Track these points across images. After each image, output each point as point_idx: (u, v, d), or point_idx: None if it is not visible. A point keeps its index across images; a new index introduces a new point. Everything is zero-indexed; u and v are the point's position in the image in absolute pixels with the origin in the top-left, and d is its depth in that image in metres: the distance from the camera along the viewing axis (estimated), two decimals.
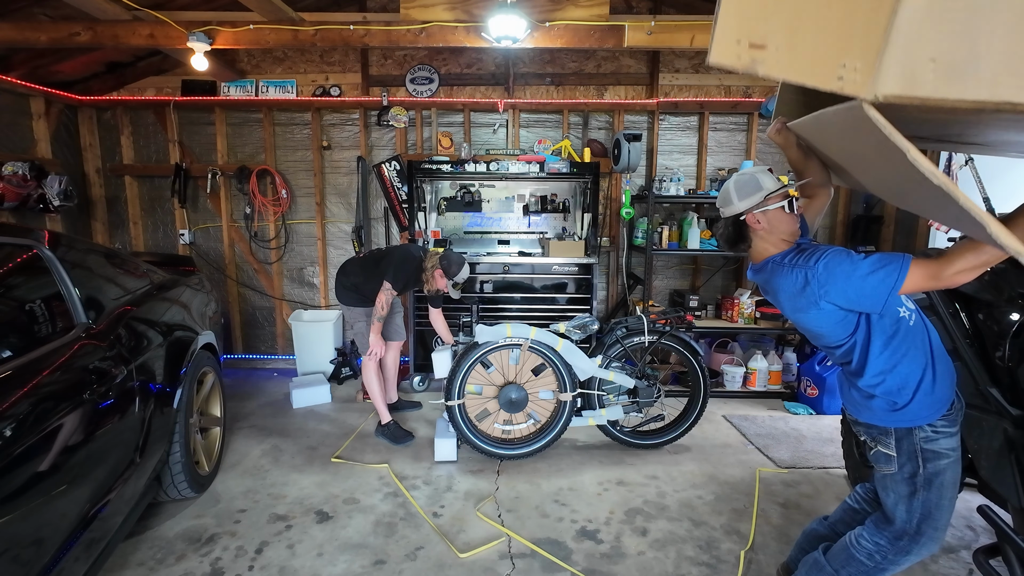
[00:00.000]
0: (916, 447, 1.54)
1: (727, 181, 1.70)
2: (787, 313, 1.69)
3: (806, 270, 1.53)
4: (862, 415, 1.64)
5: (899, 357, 1.53)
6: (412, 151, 4.59)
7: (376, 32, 3.43)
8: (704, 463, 3.10)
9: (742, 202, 1.64)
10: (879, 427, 1.60)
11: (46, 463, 1.52)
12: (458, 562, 2.22)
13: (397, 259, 3.23)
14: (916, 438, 1.54)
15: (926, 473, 1.53)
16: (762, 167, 1.68)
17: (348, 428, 3.53)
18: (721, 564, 2.23)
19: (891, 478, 1.60)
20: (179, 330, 2.61)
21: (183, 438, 2.43)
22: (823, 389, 3.81)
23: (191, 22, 3.45)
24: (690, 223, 4.18)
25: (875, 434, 1.62)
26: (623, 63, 4.57)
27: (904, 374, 1.52)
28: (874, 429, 1.62)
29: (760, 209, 1.62)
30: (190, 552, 2.27)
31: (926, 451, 1.53)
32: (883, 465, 1.61)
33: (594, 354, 3.15)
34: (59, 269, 1.97)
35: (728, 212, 1.69)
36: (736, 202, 1.65)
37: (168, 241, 4.74)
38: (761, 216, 1.63)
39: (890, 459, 1.59)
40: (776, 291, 1.66)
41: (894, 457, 1.57)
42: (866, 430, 1.65)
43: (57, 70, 4.22)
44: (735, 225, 1.69)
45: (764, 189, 1.61)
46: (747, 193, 1.63)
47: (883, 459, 1.61)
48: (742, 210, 1.64)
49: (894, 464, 1.58)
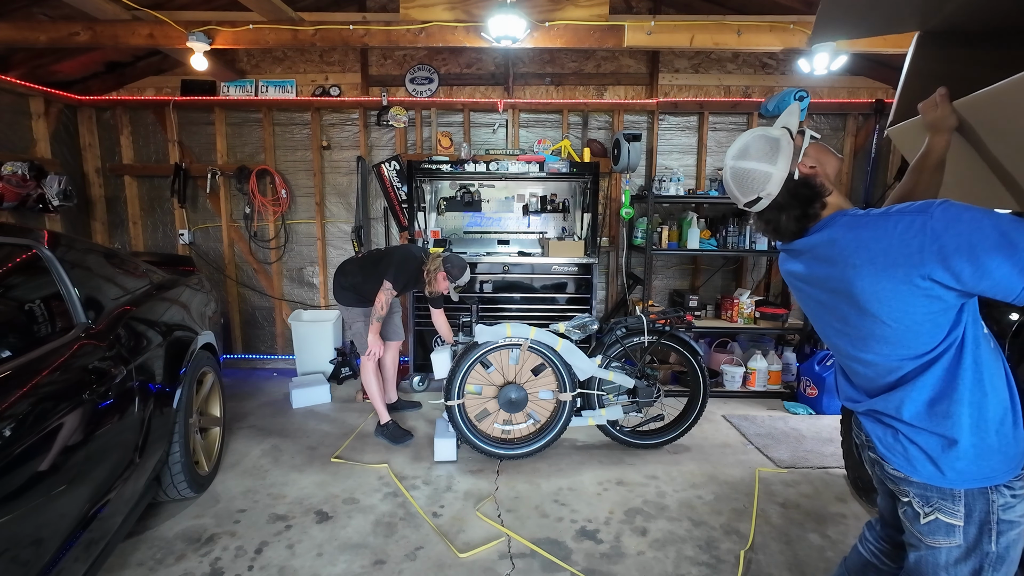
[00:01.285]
0: (991, 516, 1.14)
1: (738, 168, 1.29)
2: (859, 293, 1.16)
3: (920, 216, 1.06)
4: (918, 471, 1.18)
5: (989, 385, 1.13)
6: (412, 151, 4.59)
7: (376, 32, 3.43)
8: (704, 463, 3.10)
9: (781, 160, 1.24)
10: (943, 489, 1.17)
11: (46, 463, 1.52)
12: (458, 562, 2.22)
13: (398, 259, 3.23)
14: (993, 504, 1.14)
15: (999, 549, 1.15)
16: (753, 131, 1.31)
17: (348, 428, 3.53)
18: (721, 564, 2.23)
19: (946, 554, 1.19)
20: (179, 330, 2.61)
21: (183, 438, 2.43)
22: (823, 389, 3.81)
23: (191, 22, 3.45)
24: (690, 223, 4.19)
25: (933, 498, 1.19)
26: (623, 63, 4.58)
27: (996, 411, 1.13)
28: (933, 492, 1.18)
29: (799, 157, 1.26)
30: (190, 552, 2.27)
31: (1003, 522, 1.14)
32: (941, 538, 1.19)
33: (594, 354, 3.15)
34: (58, 269, 1.97)
35: (773, 188, 1.25)
36: (771, 168, 1.24)
37: (168, 241, 4.73)
38: (807, 161, 1.26)
39: (952, 530, 1.17)
40: (854, 251, 1.16)
41: (959, 528, 1.16)
42: (920, 493, 1.20)
43: (56, 70, 4.22)
44: (794, 192, 1.25)
45: (783, 136, 1.26)
46: (771, 151, 1.25)
47: (943, 530, 1.18)
48: (786, 171, 1.24)
49: (958, 535, 1.17)
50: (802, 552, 2.31)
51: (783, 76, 4.53)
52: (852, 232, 1.18)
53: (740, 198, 1.31)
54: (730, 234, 4.20)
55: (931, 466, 1.17)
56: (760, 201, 1.28)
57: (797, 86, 4.14)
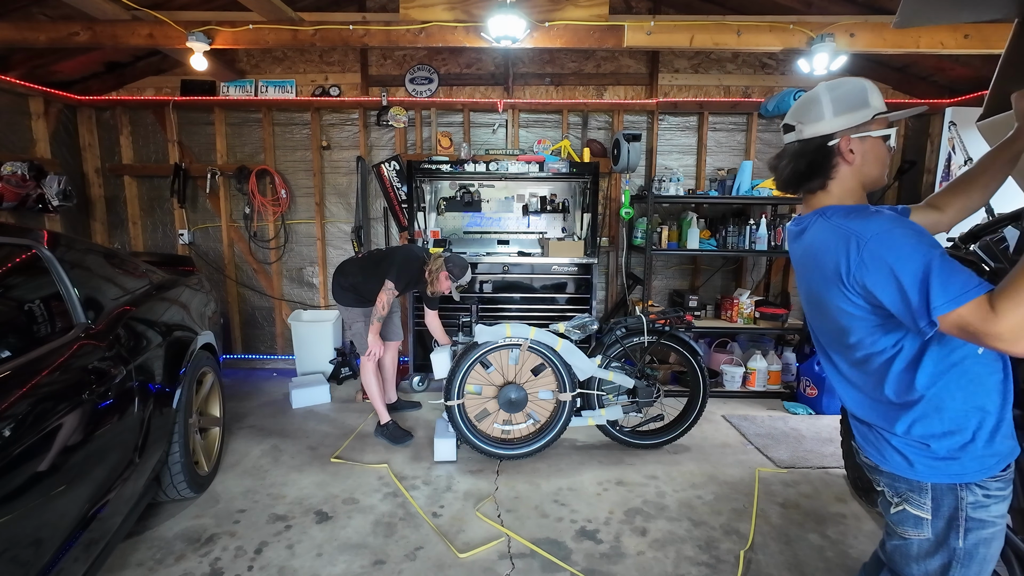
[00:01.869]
0: (960, 512, 1.15)
1: (814, 90, 1.23)
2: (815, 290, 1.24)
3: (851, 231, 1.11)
4: (887, 460, 1.22)
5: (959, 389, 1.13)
6: (411, 151, 4.59)
7: (375, 32, 3.43)
8: (703, 463, 3.10)
9: (839, 118, 1.18)
10: (910, 480, 1.19)
11: (45, 463, 1.52)
12: (457, 562, 2.22)
13: (400, 259, 3.23)
14: (962, 501, 1.15)
15: (967, 546, 1.15)
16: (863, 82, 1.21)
17: (347, 428, 3.53)
18: (720, 564, 2.23)
19: (917, 546, 1.21)
20: (178, 330, 2.61)
21: (182, 438, 2.43)
22: (822, 389, 3.81)
23: (190, 22, 3.45)
24: (689, 223, 4.19)
25: (902, 489, 1.22)
26: (622, 63, 4.58)
27: (968, 416, 1.13)
28: (902, 482, 1.21)
29: (860, 134, 1.18)
30: (189, 552, 2.27)
31: (972, 520, 1.15)
32: (910, 529, 1.21)
33: (593, 354, 3.15)
34: (58, 269, 1.97)
35: (810, 131, 1.21)
36: (829, 117, 1.19)
37: (167, 241, 4.73)
38: (856, 144, 1.19)
39: (921, 522, 1.19)
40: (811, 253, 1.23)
41: (927, 521, 1.18)
42: (889, 483, 1.25)
43: (56, 70, 4.22)
44: (816, 152, 1.21)
45: (872, 107, 1.18)
46: (849, 107, 1.18)
47: (911, 521, 1.21)
48: (835, 130, 1.19)
49: (926, 528, 1.18)
50: (802, 552, 2.31)
51: (783, 76, 4.53)
52: (816, 231, 1.22)
53: (788, 115, 1.28)
54: (730, 234, 4.20)
55: (899, 457, 1.19)
56: (792, 132, 1.25)
57: (797, 86, 4.15)
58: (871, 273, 1.07)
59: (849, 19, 3.37)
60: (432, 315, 3.54)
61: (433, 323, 3.56)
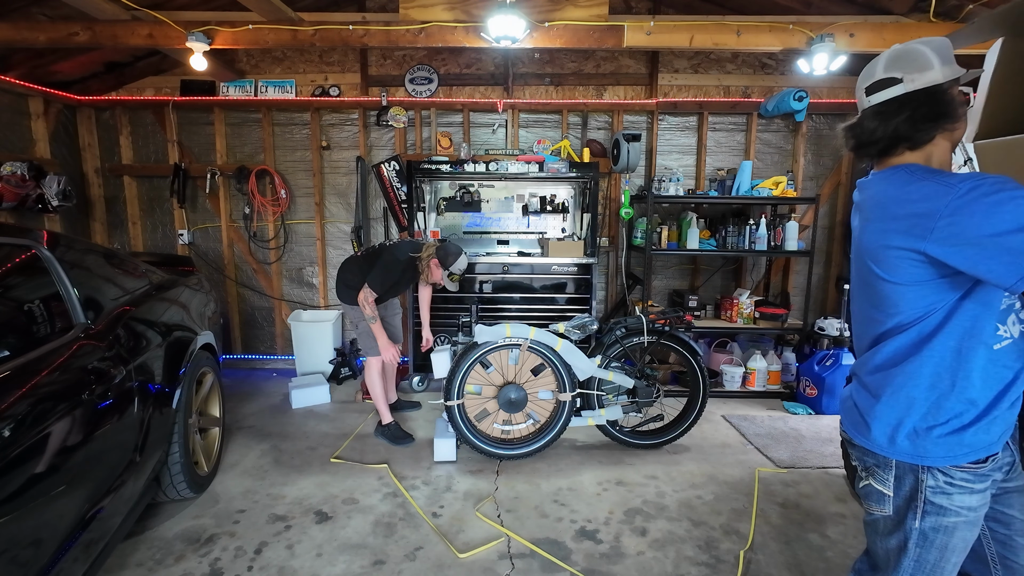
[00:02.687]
0: (919, 494, 1.17)
1: (906, 44, 1.20)
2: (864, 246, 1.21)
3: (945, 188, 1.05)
4: (858, 434, 1.26)
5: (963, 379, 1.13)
6: (411, 151, 4.59)
7: (375, 32, 3.43)
8: (703, 463, 3.10)
9: (947, 67, 1.15)
10: (876, 455, 1.23)
11: (45, 464, 1.52)
12: (457, 562, 2.22)
13: (381, 264, 3.15)
14: (921, 483, 1.17)
15: (923, 528, 1.17)
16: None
17: (347, 428, 3.53)
18: (720, 564, 2.23)
19: (882, 522, 1.25)
20: (178, 330, 2.61)
21: (182, 438, 2.43)
22: (822, 389, 3.81)
23: (190, 22, 3.45)
24: (689, 223, 4.19)
25: (869, 463, 1.26)
26: (622, 63, 4.58)
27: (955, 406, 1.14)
28: (869, 456, 1.25)
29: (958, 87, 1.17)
30: (189, 552, 2.27)
31: (930, 503, 1.16)
32: (873, 504, 1.26)
33: (593, 354, 3.15)
34: (58, 269, 1.97)
35: (922, 80, 1.15)
36: (938, 65, 1.15)
37: (167, 241, 4.73)
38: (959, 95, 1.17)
39: (883, 498, 1.23)
40: (874, 204, 1.20)
41: (889, 497, 1.22)
42: (859, 455, 1.29)
43: (56, 70, 4.22)
44: (936, 99, 1.15)
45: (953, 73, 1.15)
46: (949, 58, 1.16)
47: (875, 496, 1.25)
48: (947, 79, 1.14)
49: (888, 505, 1.22)
50: (802, 552, 2.31)
51: (782, 76, 4.54)
52: (894, 181, 1.16)
53: (877, 73, 1.21)
54: (729, 234, 4.20)
55: (864, 431, 1.24)
56: (896, 86, 1.17)
57: (797, 86, 4.15)
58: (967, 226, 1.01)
59: (849, 19, 3.37)
60: (425, 291, 3.56)
61: (424, 296, 3.61)
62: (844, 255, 4.62)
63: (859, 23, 3.35)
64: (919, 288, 1.11)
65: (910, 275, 1.11)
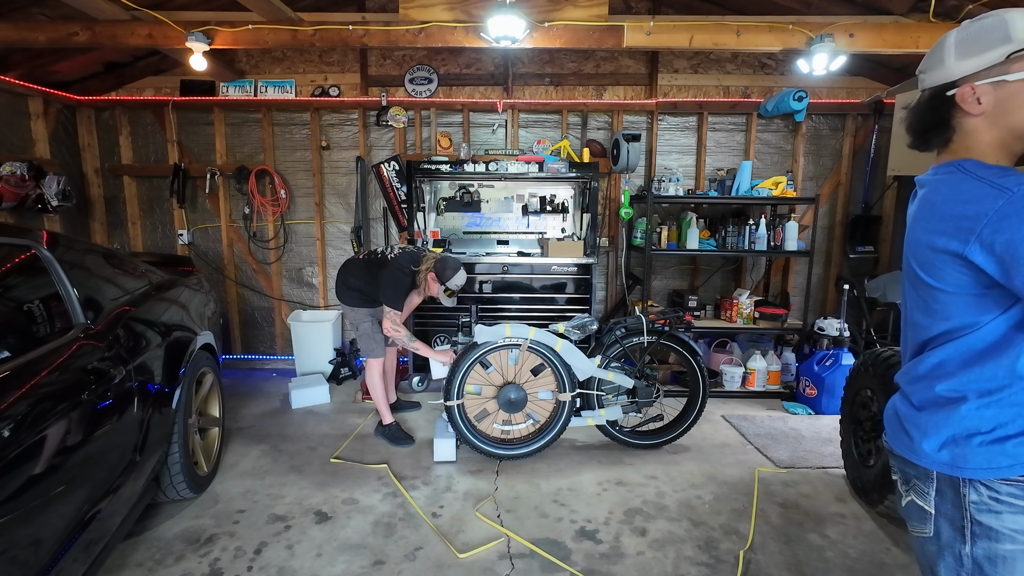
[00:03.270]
0: (964, 512, 1.02)
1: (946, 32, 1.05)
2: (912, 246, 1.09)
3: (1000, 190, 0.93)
4: (899, 444, 1.14)
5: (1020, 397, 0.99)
6: (411, 151, 4.59)
7: (375, 32, 3.43)
8: (703, 463, 3.10)
9: (963, 62, 1.00)
10: (916, 467, 1.09)
11: (44, 464, 1.52)
12: (457, 562, 2.22)
13: (391, 282, 3.12)
14: (964, 499, 1.02)
15: (974, 555, 1.01)
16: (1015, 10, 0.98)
17: (347, 428, 3.53)
18: (720, 564, 2.23)
19: (929, 544, 1.09)
20: (178, 330, 2.61)
21: (182, 439, 2.43)
22: (822, 389, 3.81)
23: (190, 22, 3.45)
24: (689, 223, 4.19)
25: (910, 476, 1.12)
26: (622, 63, 4.58)
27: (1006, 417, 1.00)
28: (910, 468, 1.11)
29: (990, 80, 0.98)
30: (189, 553, 2.27)
31: (977, 523, 1.01)
32: (916, 524, 1.11)
33: (593, 354, 3.15)
34: (57, 269, 1.97)
35: (932, 79, 1.06)
36: (951, 61, 1.02)
37: (167, 241, 4.73)
38: (987, 91, 0.99)
39: (925, 517, 1.08)
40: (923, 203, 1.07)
41: (931, 516, 1.07)
42: (900, 466, 1.16)
43: (55, 70, 4.22)
44: (933, 101, 1.06)
45: (1013, 42, 0.96)
46: (976, 49, 0.99)
47: (916, 515, 1.10)
48: (956, 76, 1.02)
49: (930, 525, 1.07)
50: (801, 552, 2.31)
51: (782, 76, 4.54)
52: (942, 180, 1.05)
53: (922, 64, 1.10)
54: (729, 234, 4.20)
55: (907, 438, 1.11)
56: (922, 75, 1.09)
57: (796, 86, 4.15)
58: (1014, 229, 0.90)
59: (848, 19, 3.37)
60: (415, 298, 3.47)
61: (411, 305, 3.51)
62: (844, 255, 4.62)
63: (859, 23, 3.35)
64: (965, 298, 1.01)
65: (955, 282, 1.00)
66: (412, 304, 3.57)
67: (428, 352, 3.16)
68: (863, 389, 2.81)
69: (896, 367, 2.52)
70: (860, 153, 4.51)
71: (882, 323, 4.47)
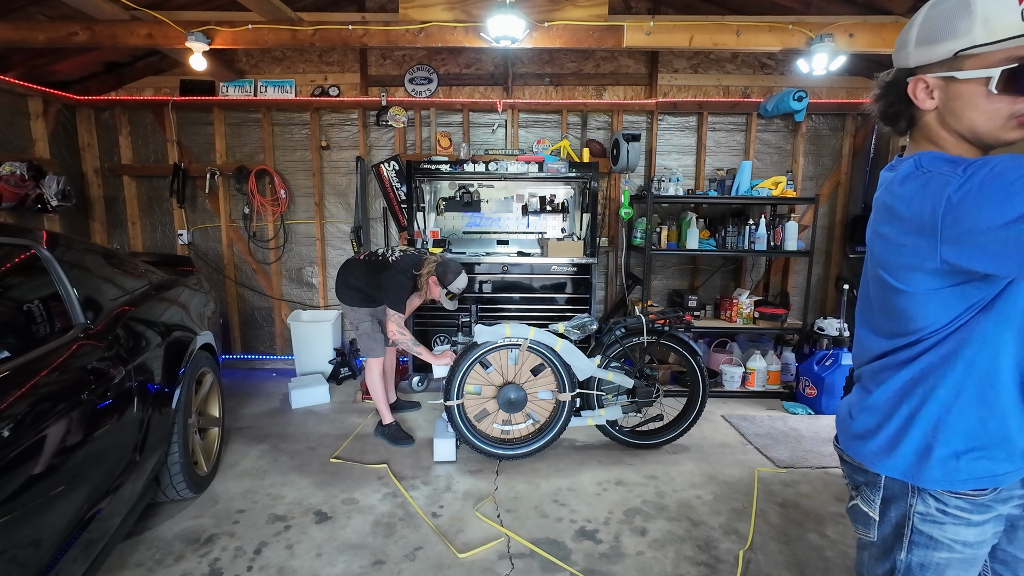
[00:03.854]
0: (907, 520, 1.03)
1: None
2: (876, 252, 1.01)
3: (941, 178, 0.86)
4: (850, 448, 1.12)
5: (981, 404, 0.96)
6: (411, 151, 4.59)
7: (375, 32, 3.43)
8: (703, 463, 3.10)
9: (919, 49, 0.92)
10: (866, 471, 1.08)
11: (44, 464, 1.52)
12: (457, 562, 2.22)
13: (393, 286, 3.11)
14: (910, 508, 1.02)
15: (910, 562, 1.03)
16: None
17: (347, 428, 3.53)
18: (720, 564, 2.23)
19: (868, 550, 1.11)
20: (177, 330, 2.61)
21: (181, 439, 2.43)
22: (821, 389, 3.81)
23: (189, 22, 3.45)
24: (689, 223, 4.19)
25: (858, 481, 1.11)
26: (622, 63, 4.58)
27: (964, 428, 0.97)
28: (859, 473, 1.10)
29: (939, 74, 0.91)
30: (188, 553, 2.27)
31: (918, 531, 1.02)
32: (860, 527, 1.11)
33: (593, 354, 3.15)
34: (57, 269, 1.97)
35: (898, 60, 0.98)
36: (911, 47, 0.94)
37: (167, 241, 4.73)
38: (939, 84, 0.92)
39: (869, 522, 1.09)
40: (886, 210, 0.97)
41: (874, 522, 1.08)
42: (849, 472, 1.15)
43: (55, 70, 4.21)
44: (889, 88, 1.00)
45: (961, 36, 0.85)
46: (934, 36, 0.89)
47: (861, 519, 1.11)
48: (912, 64, 0.94)
49: (873, 531, 1.08)
50: (801, 552, 2.31)
51: (782, 76, 4.54)
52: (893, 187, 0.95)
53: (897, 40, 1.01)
54: (729, 234, 4.20)
55: (857, 444, 1.09)
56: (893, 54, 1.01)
57: (796, 86, 4.15)
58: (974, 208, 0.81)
59: (848, 19, 3.37)
60: (415, 300, 3.44)
61: (411, 306, 3.47)
62: (843, 255, 4.62)
63: (858, 23, 3.35)
64: (935, 296, 0.93)
65: (924, 284, 0.93)
66: (412, 306, 3.56)
67: (430, 358, 3.16)
68: None
69: None
70: (860, 153, 4.51)
71: None
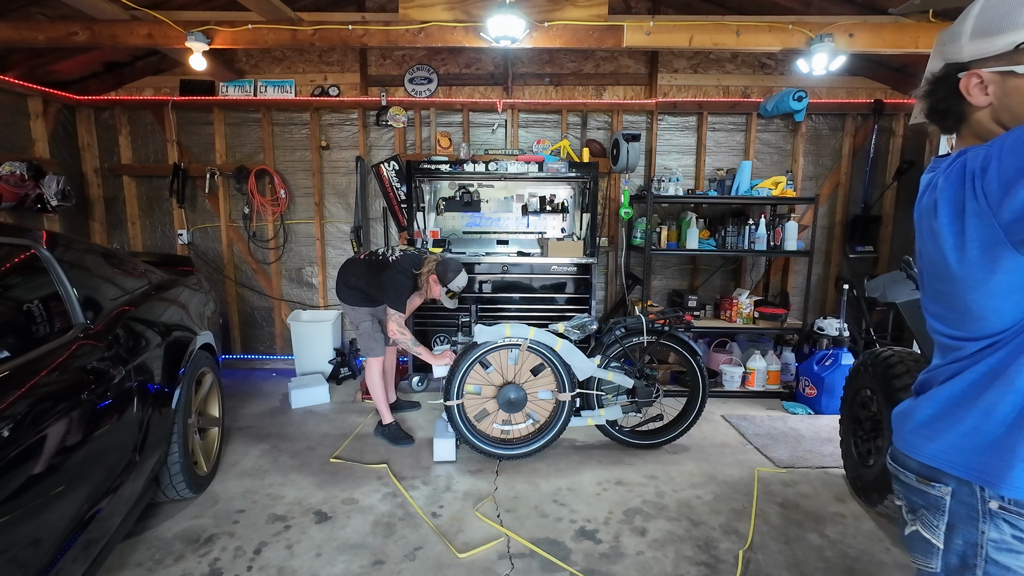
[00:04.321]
0: (979, 548, 0.88)
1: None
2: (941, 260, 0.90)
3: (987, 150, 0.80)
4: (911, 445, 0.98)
5: None
6: (411, 151, 4.59)
7: (375, 32, 3.43)
8: (703, 463, 3.10)
9: (975, 42, 0.86)
10: (927, 495, 0.95)
11: (44, 464, 1.52)
12: (457, 562, 2.22)
13: (393, 286, 3.11)
14: (982, 536, 0.87)
15: None
16: None
17: (347, 428, 3.53)
18: (720, 564, 2.23)
19: None
20: (177, 330, 2.60)
21: (181, 438, 2.43)
22: (821, 389, 3.81)
23: (189, 22, 3.45)
24: (688, 223, 4.19)
25: (917, 505, 0.97)
26: (622, 63, 4.58)
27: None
28: (917, 496, 0.97)
29: (998, 68, 0.84)
30: (188, 553, 2.27)
31: (992, 562, 0.87)
32: (919, 556, 0.97)
33: (593, 354, 3.15)
34: (57, 269, 1.97)
35: (949, 54, 0.91)
36: (964, 40, 0.88)
37: (166, 241, 4.73)
38: (995, 80, 0.85)
39: (930, 550, 0.94)
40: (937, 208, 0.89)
41: (938, 550, 0.93)
42: (906, 493, 1.00)
43: (55, 70, 4.21)
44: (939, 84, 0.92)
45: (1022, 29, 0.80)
46: (992, 28, 0.84)
47: (920, 547, 0.96)
48: (966, 59, 0.88)
49: (936, 560, 0.93)
50: (801, 552, 2.31)
51: (782, 76, 4.54)
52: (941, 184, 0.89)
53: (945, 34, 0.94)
54: (729, 234, 4.20)
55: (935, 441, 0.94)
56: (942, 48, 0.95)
57: (796, 86, 4.15)
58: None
59: (848, 19, 3.37)
60: (416, 299, 3.43)
61: (411, 306, 3.45)
62: (843, 255, 4.62)
63: (858, 23, 3.35)
64: (1014, 291, 0.83)
65: (1000, 279, 0.83)
66: (413, 305, 3.56)
67: (430, 358, 3.16)
68: (863, 389, 2.81)
69: (895, 367, 2.53)
70: (860, 153, 4.51)
71: (882, 323, 4.47)
